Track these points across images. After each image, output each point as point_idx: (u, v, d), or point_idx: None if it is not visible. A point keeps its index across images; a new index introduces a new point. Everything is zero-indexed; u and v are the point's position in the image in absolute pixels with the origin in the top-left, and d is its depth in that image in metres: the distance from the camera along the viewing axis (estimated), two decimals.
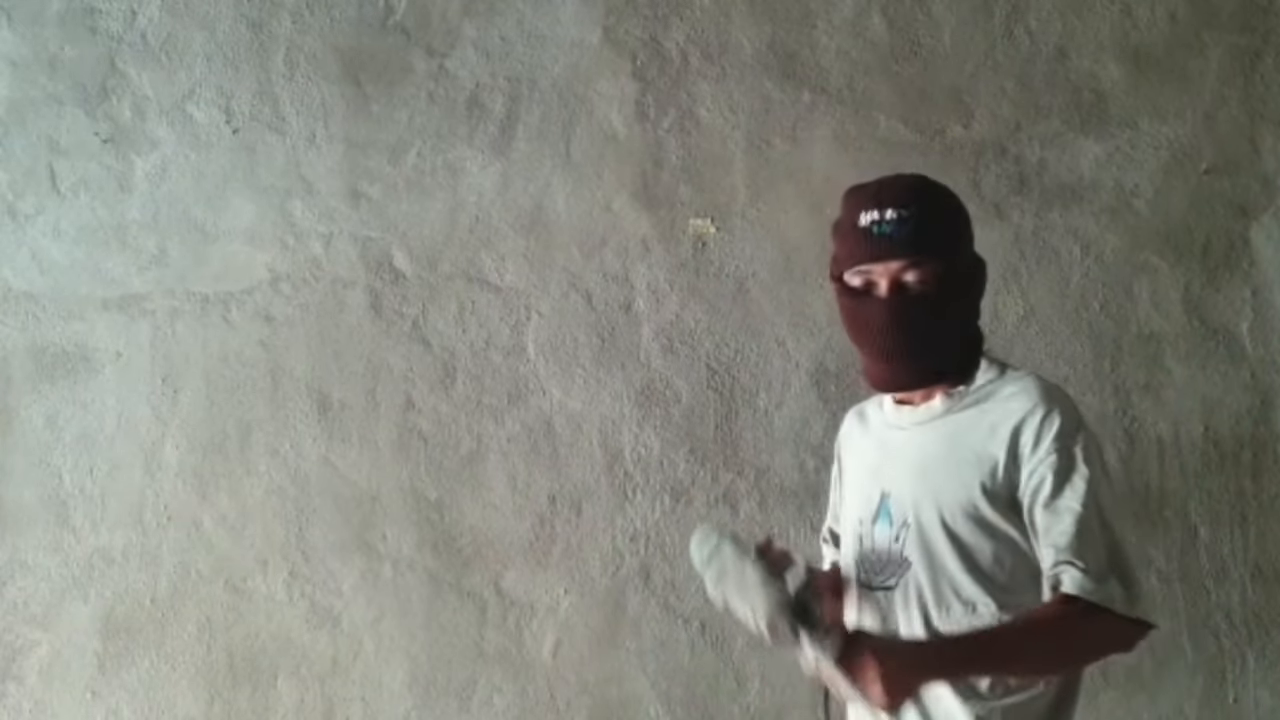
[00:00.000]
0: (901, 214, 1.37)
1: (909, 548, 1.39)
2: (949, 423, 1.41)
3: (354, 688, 2.21)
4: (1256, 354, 2.16)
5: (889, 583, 1.41)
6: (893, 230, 1.37)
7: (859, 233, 1.39)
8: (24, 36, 2.40)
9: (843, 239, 1.44)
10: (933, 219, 1.39)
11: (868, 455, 1.51)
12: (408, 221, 2.31)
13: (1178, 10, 2.23)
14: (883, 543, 1.43)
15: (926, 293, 1.38)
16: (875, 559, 1.43)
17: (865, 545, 1.45)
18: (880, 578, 1.42)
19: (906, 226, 1.37)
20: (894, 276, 1.38)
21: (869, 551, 1.45)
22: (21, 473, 2.29)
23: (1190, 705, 2.09)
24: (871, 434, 1.53)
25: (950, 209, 1.43)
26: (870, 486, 1.47)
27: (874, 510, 1.45)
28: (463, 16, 2.34)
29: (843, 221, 1.44)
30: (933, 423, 1.43)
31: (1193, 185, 2.20)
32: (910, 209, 1.38)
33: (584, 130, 2.30)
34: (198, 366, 2.30)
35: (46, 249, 2.35)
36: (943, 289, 1.39)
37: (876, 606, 1.42)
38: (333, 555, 2.24)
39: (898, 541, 1.41)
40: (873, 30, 2.28)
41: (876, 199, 1.40)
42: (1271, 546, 2.12)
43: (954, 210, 1.44)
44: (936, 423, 1.42)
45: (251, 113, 2.36)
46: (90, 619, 2.25)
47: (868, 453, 1.51)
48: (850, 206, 1.43)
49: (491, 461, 2.24)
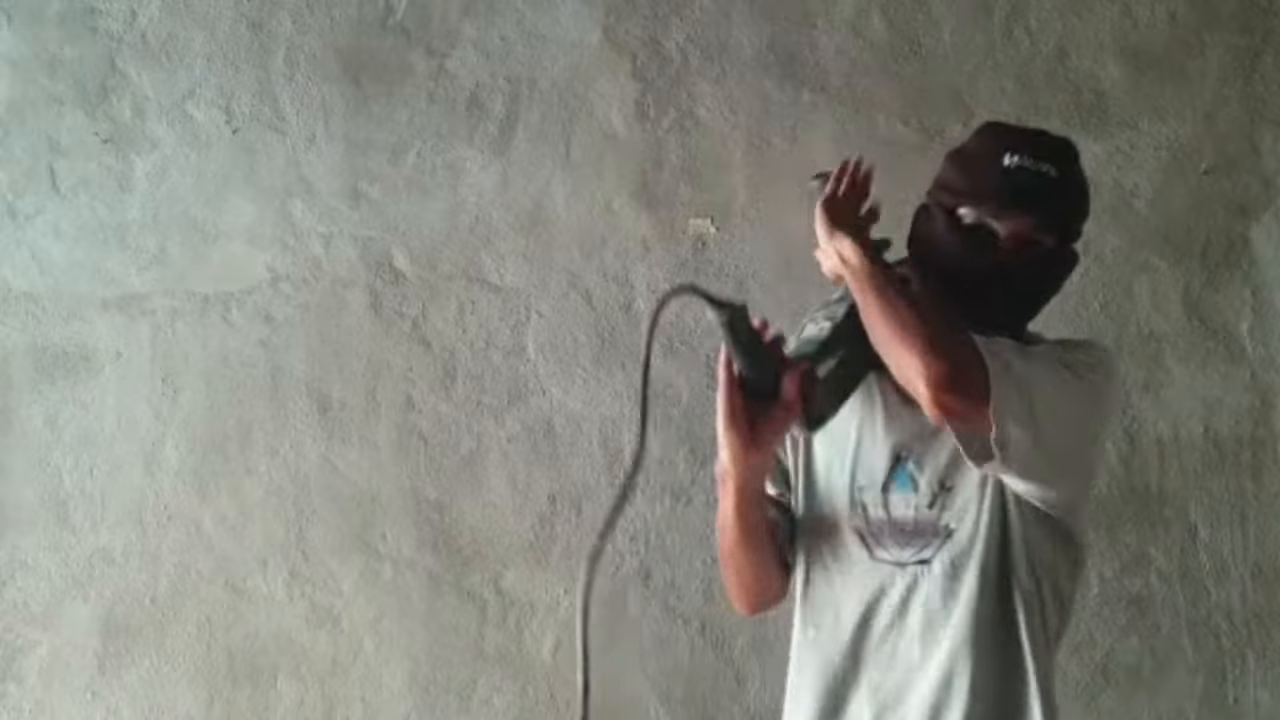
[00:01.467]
0: (1052, 171, 1.26)
1: (950, 514, 1.27)
2: None
3: (354, 688, 2.21)
4: (1256, 354, 2.16)
5: (924, 555, 1.28)
6: (1040, 186, 1.26)
7: (1000, 171, 1.27)
8: (24, 36, 2.40)
9: (971, 170, 1.31)
10: (1076, 189, 1.31)
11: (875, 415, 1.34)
12: (408, 221, 2.31)
13: (1178, 10, 2.23)
14: (906, 511, 1.29)
15: (1049, 254, 1.28)
16: (898, 531, 1.29)
17: (875, 515, 1.31)
18: (909, 552, 1.28)
19: (1055, 187, 1.26)
20: (1023, 230, 1.26)
21: (883, 523, 1.30)
22: (21, 473, 2.29)
23: (1190, 705, 2.09)
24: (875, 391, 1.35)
25: (1085, 188, 1.33)
26: (879, 449, 1.32)
27: (885, 476, 1.31)
28: (463, 16, 2.34)
29: (975, 151, 1.33)
30: None
31: (1193, 185, 2.20)
32: (1063, 169, 1.28)
33: (584, 130, 2.30)
34: (198, 366, 2.30)
35: (46, 249, 2.35)
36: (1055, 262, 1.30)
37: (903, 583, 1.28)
38: (333, 555, 2.24)
39: (932, 508, 1.28)
40: (873, 30, 2.28)
41: (1033, 145, 1.28)
42: (1272, 546, 2.12)
43: (1087, 192, 1.33)
44: None
45: (251, 113, 2.36)
46: (90, 619, 2.25)
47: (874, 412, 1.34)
48: (992, 140, 1.32)
49: (491, 461, 2.24)
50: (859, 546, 1.31)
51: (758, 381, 1.19)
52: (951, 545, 1.27)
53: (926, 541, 1.28)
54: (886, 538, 1.30)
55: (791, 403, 1.20)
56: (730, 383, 1.19)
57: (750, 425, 1.20)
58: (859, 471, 1.33)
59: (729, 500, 1.28)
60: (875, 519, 1.31)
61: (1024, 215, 1.26)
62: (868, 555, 1.31)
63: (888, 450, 1.32)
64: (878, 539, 1.30)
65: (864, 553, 1.31)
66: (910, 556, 1.28)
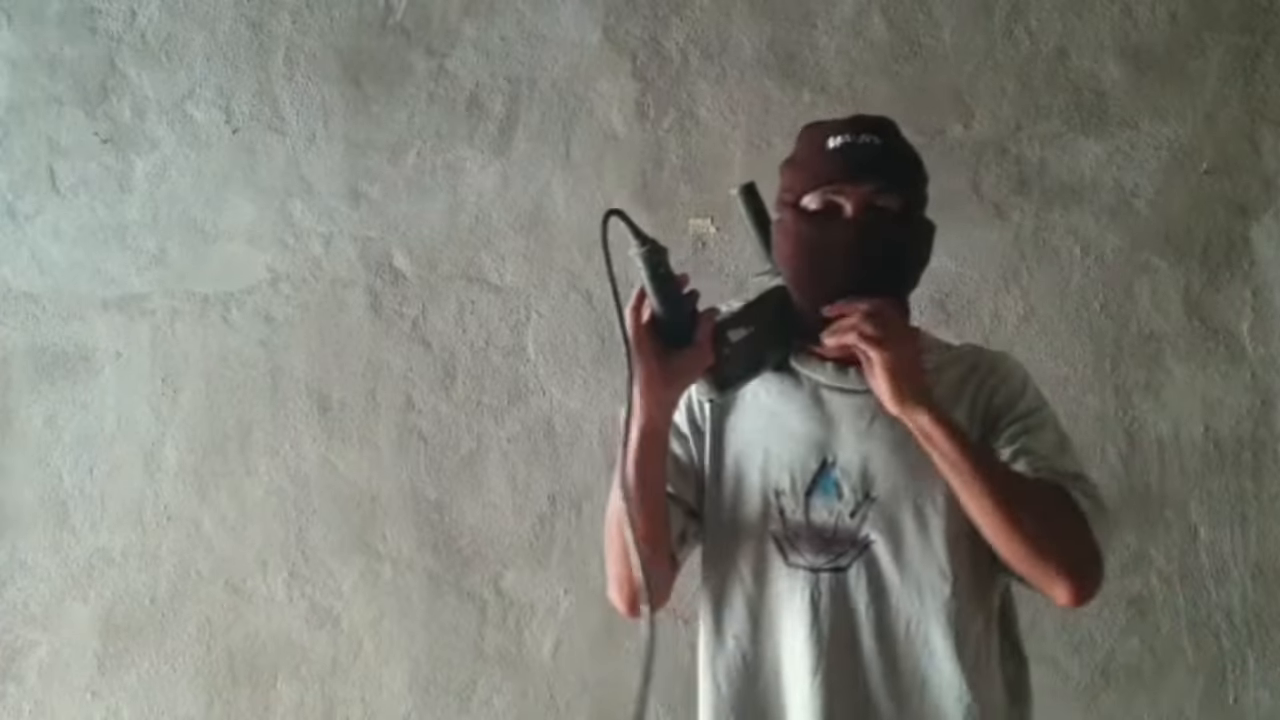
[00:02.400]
0: (876, 140, 1.29)
1: (870, 525, 1.26)
2: None
3: (354, 688, 2.21)
4: (1256, 354, 2.16)
5: (841, 564, 1.26)
6: (867, 154, 1.28)
7: (828, 154, 1.29)
8: (24, 36, 2.40)
9: (801, 166, 1.33)
10: (905, 155, 1.32)
11: (789, 419, 1.32)
12: (408, 221, 2.31)
13: (1178, 10, 2.23)
14: (827, 519, 1.27)
15: (898, 216, 1.28)
16: (815, 536, 1.27)
17: (793, 520, 1.28)
18: (824, 558, 1.26)
19: (882, 153, 1.28)
20: (864, 198, 1.26)
21: (800, 527, 1.27)
22: (21, 473, 2.29)
23: (1190, 705, 2.09)
24: (789, 395, 1.33)
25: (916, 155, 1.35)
26: (800, 454, 1.29)
27: (808, 481, 1.28)
28: (463, 16, 2.34)
29: (802, 149, 1.34)
30: None
31: (1193, 185, 2.20)
32: (885, 137, 1.30)
33: (584, 130, 2.30)
34: (198, 366, 2.30)
35: (46, 249, 2.35)
36: (911, 223, 1.30)
37: (818, 589, 1.26)
38: (333, 555, 2.24)
39: (854, 518, 1.27)
40: (873, 30, 2.28)
41: (851, 126, 1.30)
42: (1272, 546, 2.12)
43: (919, 159, 1.35)
44: None
45: (251, 113, 2.36)
46: (90, 619, 2.25)
47: (789, 416, 1.32)
48: (814, 132, 1.34)
49: (491, 461, 2.24)
50: (774, 551, 1.29)
51: (670, 323, 1.21)
52: (868, 556, 1.26)
53: (843, 550, 1.27)
54: (803, 542, 1.28)
55: (704, 344, 1.22)
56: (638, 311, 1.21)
57: (660, 359, 1.21)
58: (776, 474, 1.30)
59: (632, 444, 1.23)
60: (793, 523, 1.29)
61: (862, 183, 1.27)
62: (783, 560, 1.28)
63: (811, 453, 1.30)
64: (793, 544, 1.28)
65: (779, 558, 1.29)
66: (825, 563, 1.27)
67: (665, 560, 1.32)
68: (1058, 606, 1.25)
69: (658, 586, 1.27)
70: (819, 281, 1.27)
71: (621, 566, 1.29)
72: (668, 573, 1.33)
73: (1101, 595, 2.08)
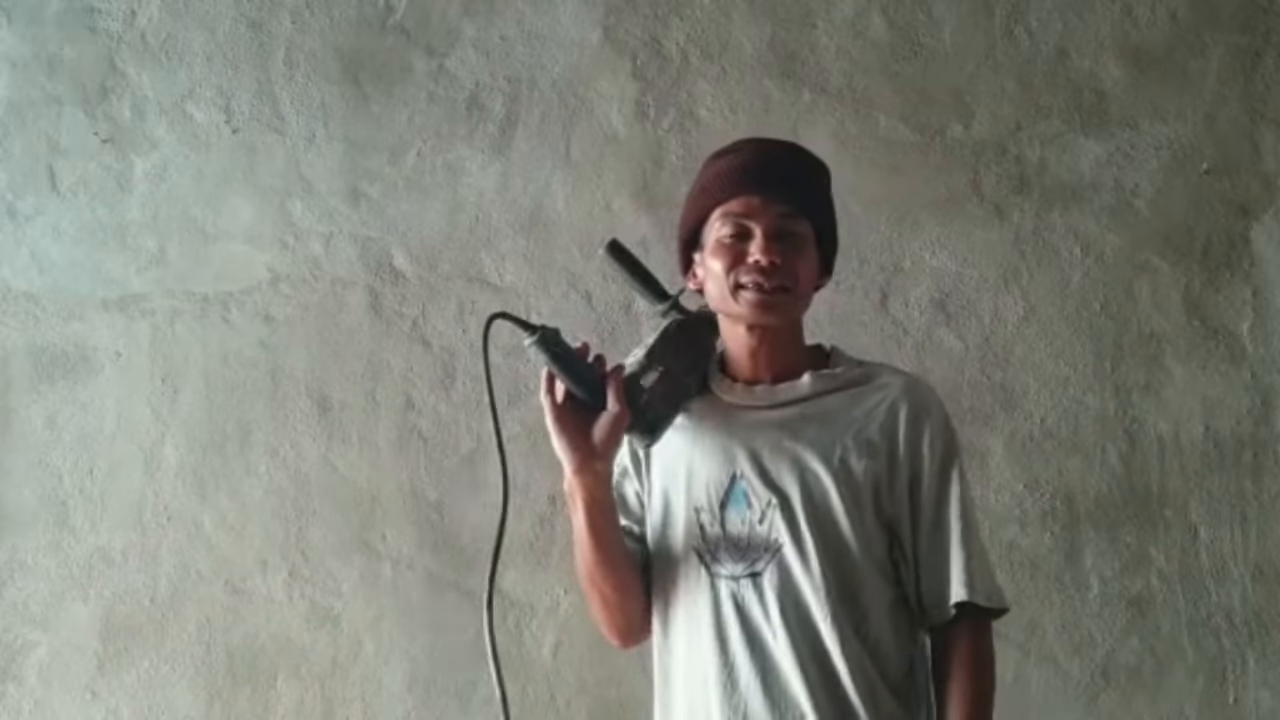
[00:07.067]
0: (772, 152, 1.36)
1: (777, 529, 1.32)
2: (819, 404, 1.36)
3: (354, 688, 2.21)
4: (1256, 354, 2.16)
5: (756, 569, 1.32)
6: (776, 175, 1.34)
7: (734, 173, 1.34)
8: (24, 36, 2.40)
9: (706, 189, 1.37)
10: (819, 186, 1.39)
11: (705, 438, 1.39)
12: (408, 221, 2.31)
13: (1178, 10, 2.23)
14: (741, 528, 1.34)
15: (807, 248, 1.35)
16: (732, 546, 1.34)
17: (712, 533, 1.35)
18: (743, 566, 1.33)
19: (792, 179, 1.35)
20: (775, 221, 1.32)
21: (718, 539, 1.35)
22: (21, 473, 2.29)
23: (1190, 705, 2.09)
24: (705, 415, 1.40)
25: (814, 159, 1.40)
26: (713, 470, 1.36)
27: (722, 495, 1.35)
28: (463, 16, 2.34)
29: (700, 180, 1.40)
30: (800, 403, 1.37)
31: (1193, 185, 2.20)
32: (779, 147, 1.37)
33: (584, 130, 2.30)
34: (198, 366, 2.30)
35: (46, 249, 2.36)
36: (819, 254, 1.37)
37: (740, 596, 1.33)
38: (333, 555, 2.24)
39: (763, 524, 1.33)
40: (873, 30, 2.28)
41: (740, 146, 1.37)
42: (1272, 546, 2.12)
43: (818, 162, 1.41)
44: (806, 403, 1.36)
45: (251, 113, 2.36)
46: (90, 619, 2.25)
47: (705, 435, 1.39)
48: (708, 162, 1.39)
49: (491, 461, 2.23)
50: (699, 565, 1.36)
51: (584, 394, 1.31)
52: (779, 559, 1.32)
53: (758, 555, 1.33)
54: (723, 553, 1.35)
55: (617, 404, 1.30)
56: (551, 394, 1.32)
57: (584, 435, 1.31)
58: (696, 492, 1.38)
59: (580, 516, 1.35)
60: (712, 536, 1.36)
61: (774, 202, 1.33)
62: (707, 572, 1.35)
63: (723, 468, 1.37)
64: (715, 555, 1.35)
65: (704, 570, 1.36)
66: (743, 570, 1.33)
67: (639, 597, 1.42)
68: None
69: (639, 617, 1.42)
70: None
71: (601, 613, 1.43)
72: (645, 607, 1.43)
73: (1101, 595, 2.10)
